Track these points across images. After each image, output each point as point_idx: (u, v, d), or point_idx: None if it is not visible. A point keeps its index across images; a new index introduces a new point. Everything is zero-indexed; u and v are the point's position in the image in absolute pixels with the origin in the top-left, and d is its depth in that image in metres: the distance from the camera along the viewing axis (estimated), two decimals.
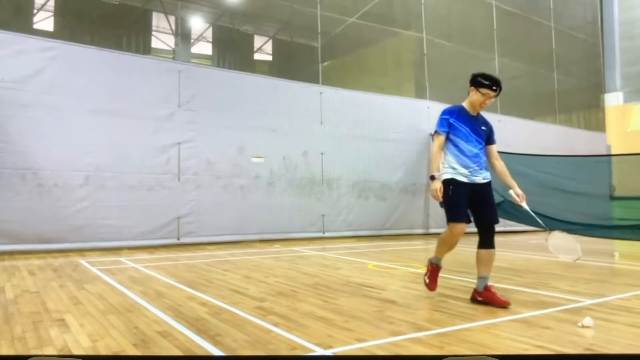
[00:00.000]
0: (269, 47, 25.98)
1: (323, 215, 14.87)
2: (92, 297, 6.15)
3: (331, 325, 4.90)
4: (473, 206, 6.06)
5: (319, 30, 15.93)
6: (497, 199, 13.48)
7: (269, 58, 26.03)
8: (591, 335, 4.58)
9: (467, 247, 12.42)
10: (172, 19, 21.00)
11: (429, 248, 12.87)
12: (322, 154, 14.88)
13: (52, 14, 19.80)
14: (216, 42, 24.60)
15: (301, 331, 4.66)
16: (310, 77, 15.61)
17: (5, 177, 10.61)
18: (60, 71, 11.36)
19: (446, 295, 6.42)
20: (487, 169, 6.24)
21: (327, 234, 14.87)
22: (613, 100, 24.71)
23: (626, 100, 24.94)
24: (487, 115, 19.33)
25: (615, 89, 24.98)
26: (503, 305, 5.70)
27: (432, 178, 5.91)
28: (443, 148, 6.10)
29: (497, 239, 6.20)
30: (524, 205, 6.31)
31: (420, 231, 16.57)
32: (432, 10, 18.03)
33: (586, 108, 24.09)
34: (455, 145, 6.05)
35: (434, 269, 6.25)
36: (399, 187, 16.17)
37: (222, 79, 13.83)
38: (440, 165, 6.05)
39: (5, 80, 10.72)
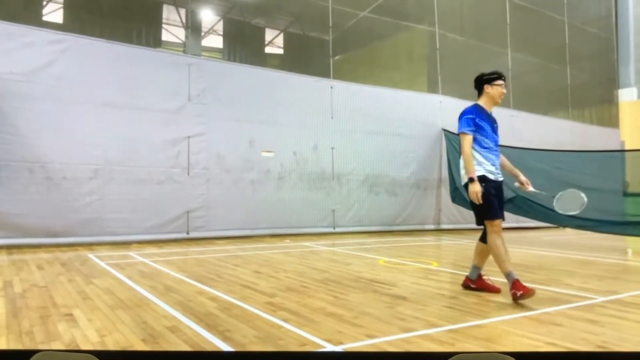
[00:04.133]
0: (280, 40, 25.94)
1: (333, 210, 14.84)
2: (101, 292, 6.14)
3: (341, 321, 4.86)
4: None
5: (331, 24, 15.88)
6: (509, 194, 13.50)
7: (280, 51, 25.99)
8: (603, 332, 4.53)
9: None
10: (182, 11, 20.98)
11: (440, 244, 12.84)
12: (332, 148, 14.84)
13: (61, 6, 19.81)
14: (227, 35, 24.57)
15: (311, 327, 4.63)
16: (321, 71, 15.57)
17: (14, 170, 10.62)
18: (69, 64, 11.35)
19: (457, 292, 6.38)
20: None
21: (337, 229, 14.84)
22: (627, 95, 24.52)
23: None
24: (499, 109, 19.36)
25: (630, 85, 24.78)
26: (496, 291, 6.18)
27: (472, 180, 5.95)
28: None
29: (509, 234, 6.23)
30: (531, 188, 6.58)
31: (432, 227, 16.53)
32: (444, 5, 17.96)
33: (599, 103, 23.97)
34: (481, 144, 6.18)
35: (516, 283, 5.77)
36: (410, 182, 16.12)
37: (233, 73, 13.80)
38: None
39: (15, 73, 10.72)
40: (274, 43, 25.81)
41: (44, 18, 19.39)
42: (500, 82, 6.45)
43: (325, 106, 14.90)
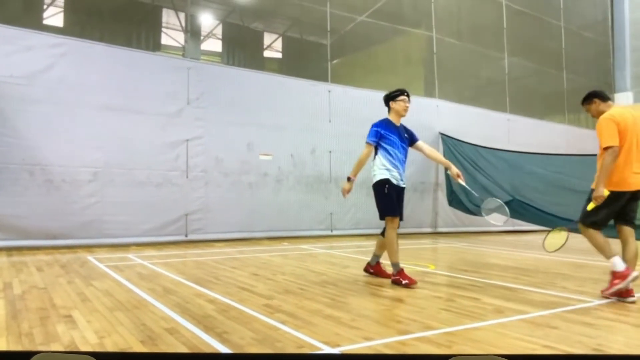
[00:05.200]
0: (278, 44, 25.98)
1: (331, 213, 14.86)
2: (100, 294, 6.16)
3: (339, 323, 4.89)
4: None
5: (329, 28, 15.92)
6: (506, 198, 13.55)
7: (279, 55, 26.03)
8: (599, 335, 4.56)
9: (473, 246, 12.42)
10: (182, 15, 21.00)
11: (437, 247, 12.87)
12: (330, 152, 14.86)
13: (61, 9, 19.84)
14: (226, 39, 24.62)
15: (308, 329, 4.65)
16: (319, 75, 15.61)
17: (14, 172, 10.63)
18: (69, 67, 11.37)
19: (454, 295, 6.41)
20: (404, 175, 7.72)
21: (335, 232, 14.86)
22: (623, 100, 24.54)
23: (636, 100, 24.75)
24: (496, 114, 19.38)
25: (626, 89, 24.83)
26: (388, 277, 7.26)
27: (348, 179, 7.58)
28: (374, 154, 7.63)
29: (506, 238, 6.33)
30: (461, 182, 7.72)
31: (429, 230, 16.55)
32: (442, 9, 18.01)
33: None
34: (387, 151, 7.50)
35: (401, 272, 7.07)
36: (407, 185, 15.98)
37: (231, 77, 13.82)
38: (375, 168, 7.62)
39: (15, 76, 10.74)
40: (273, 47, 25.84)
41: (45, 22, 19.42)
42: (402, 97, 7.69)
43: (323, 110, 14.93)
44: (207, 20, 23.17)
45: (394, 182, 7.54)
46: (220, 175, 13.10)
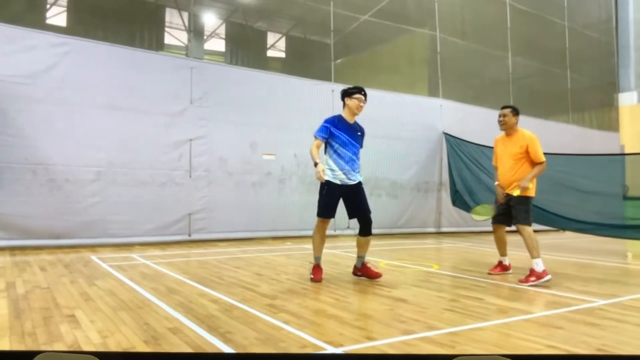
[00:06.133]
0: (282, 44, 25.98)
1: None
2: (103, 293, 6.15)
3: (342, 323, 4.88)
4: (349, 203, 7.47)
5: (332, 28, 15.89)
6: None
7: (282, 55, 26.03)
8: (603, 335, 4.55)
9: (476, 246, 12.40)
10: (185, 15, 21.00)
11: (441, 247, 12.86)
12: None
13: (65, 9, 19.87)
14: (229, 39, 24.63)
15: (312, 329, 4.65)
16: (322, 74, 15.57)
17: (17, 171, 10.62)
18: (72, 67, 11.34)
19: (458, 295, 6.40)
20: (359, 172, 7.59)
21: (338, 232, 14.82)
22: (627, 99, 24.51)
23: None
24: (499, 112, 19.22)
25: (629, 88, 24.78)
26: (377, 277, 7.35)
27: (315, 164, 7.15)
28: (323, 149, 7.50)
29: (511, 238, 6.43)
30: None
31: (432, 230, 16.52)
32: (445, 8, 17.97)
33: (599, 107, 23.94)
34: (335, 150, 7.41)
35: (315, 267, 7.52)
36: (411, 185, 16.11)
37: (235, 76, 13.79)
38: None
39: (18, 75, 10.73)
40: (276, 46, 25.86)
41: (48, 21, 19.44)
42: (358, 95, 7.34)
43: (327, 109, 14.82)
44: (211, 19, 23.17)
45: (338, 182, 7.40)
46: (224, 175, 13.08)
